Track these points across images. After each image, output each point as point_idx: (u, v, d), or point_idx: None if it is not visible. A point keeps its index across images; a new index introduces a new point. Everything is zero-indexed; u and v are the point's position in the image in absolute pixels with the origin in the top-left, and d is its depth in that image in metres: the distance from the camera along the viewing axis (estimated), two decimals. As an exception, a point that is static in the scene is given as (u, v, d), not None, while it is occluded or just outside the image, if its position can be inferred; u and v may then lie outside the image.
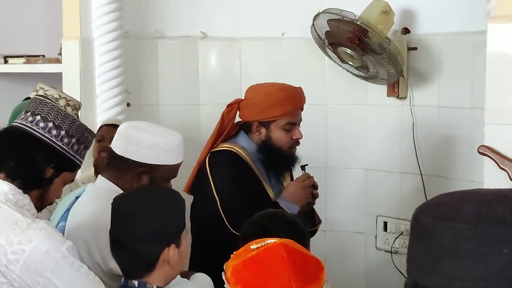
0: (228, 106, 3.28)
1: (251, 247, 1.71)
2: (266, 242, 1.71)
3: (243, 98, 3.30)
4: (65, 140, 2.26)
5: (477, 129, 3.22)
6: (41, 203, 2.30)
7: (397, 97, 3.98)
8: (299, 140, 3.23)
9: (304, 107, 3.28)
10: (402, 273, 3.96)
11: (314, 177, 3.29)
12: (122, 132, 2.58)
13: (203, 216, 3.17)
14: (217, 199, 3.05)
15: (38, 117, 2.27)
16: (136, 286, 2.05)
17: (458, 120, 3.76)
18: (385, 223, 4.15)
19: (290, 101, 3.18)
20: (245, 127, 3.23)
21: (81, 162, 2.35)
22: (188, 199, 3.32)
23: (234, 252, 1.75)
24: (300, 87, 3.26)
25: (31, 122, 2.27)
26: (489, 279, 1.07)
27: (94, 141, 3.46)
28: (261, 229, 2.35)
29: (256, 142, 3.19)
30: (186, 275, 2.46)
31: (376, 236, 4.21)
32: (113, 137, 3.58)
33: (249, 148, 3.19)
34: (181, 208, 2.12)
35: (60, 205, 2.70)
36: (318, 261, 1.73)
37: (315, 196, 3.27)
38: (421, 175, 3.91)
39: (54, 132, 2.25)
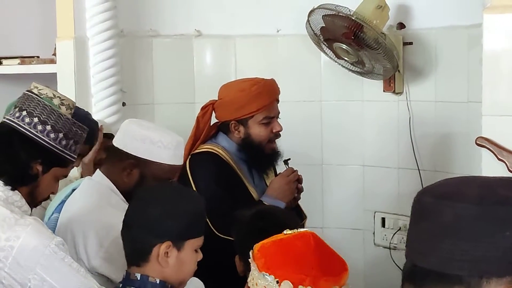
0: (202, 108, 3.25)
1: (284, 232, 1.75)
2: (299, 230, 1.75)
3: (215, 99, 3.25)
4: (52, 136, 2.23)
5: (474, 123, 3.21)
6: (33, 199, 2.28)
7: (394, 92, 3.96)
8: (280, 133, 3.18)
9: (279, 99, 3.22)
10: (401, 269, 3.93)
11: (303, 173, 3.25)
12: (123, 126, 2.62)
13: None
14: None
15: (24, 113, 2.24)
16: (138, 278, 2.03)
17: (455, 115, 3.75)
18: (383, 219, 4.14)
19: (264, 94, 3.13)
20: (223, 127, 3.19)
21: (73, 157, 2.31)
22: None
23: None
24: (272, 79, 3.21)
25: (17, 118, 2.24)
26: (490, 261, 1.03)
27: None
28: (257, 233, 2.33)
29: (236, 141, 3.15)
30: None
31: (374, 233, 4.19)
32: (106, 147, 3.59)
33: (230, 148, 3.15)
34: (194, 216, 2.08)
35: (56, 197, 2.70)
36: (343, 262, 1.75)
37: (300, 191, 3.23)
38: (419, 170, 3.90)
39: (39, 127, 2.22)
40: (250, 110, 3.10)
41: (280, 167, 3.29)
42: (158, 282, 2.02)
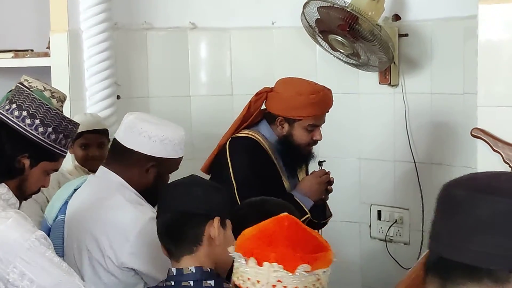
0: (257, 94, 3.30)
1: None
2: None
3: (271, 87, 3.28)
4: (40, 129, 2.21)
5: (470, 115, 3.20)
6: (21, 193, 2.25)
7: (389, 84, 3.95)
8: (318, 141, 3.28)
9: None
10: (397, 261, 3.95)
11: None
12: (129, 125, 2.55)
13: None
14: (234, 184, 3.07)
15: (14, 106, 2.23)
16: (194, 271, 2.04)
17: (451, 107, 3.74)
18: (379, 212, 4.13)
19: (319, 105, 3.22)
20: (269, 117, 3.26)
21: (63, 152, 2.28)
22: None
23: None
24: (330, 90, 3.27)
25: (7, 110, 2.23)
26: None
27: (77, 147, 3.45)
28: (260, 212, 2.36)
29: (277, 134, 3.24)
30: None
31: (370, 225, 4.19)
32: (99, 143, 3.52)
33: (270, 138, 3.23)
34: (228, 196, 2.22)
35: (56, 197, 2.67)
36: (323, 245, 1.68)
37: (328, 192, 3.33)
38: (415, 162, 3.89)
39: (28, 121, 2.20)
40: (300, 114, 3.18)
41: (312, 168, 3.38)
42: (210, 270, 2.04)
